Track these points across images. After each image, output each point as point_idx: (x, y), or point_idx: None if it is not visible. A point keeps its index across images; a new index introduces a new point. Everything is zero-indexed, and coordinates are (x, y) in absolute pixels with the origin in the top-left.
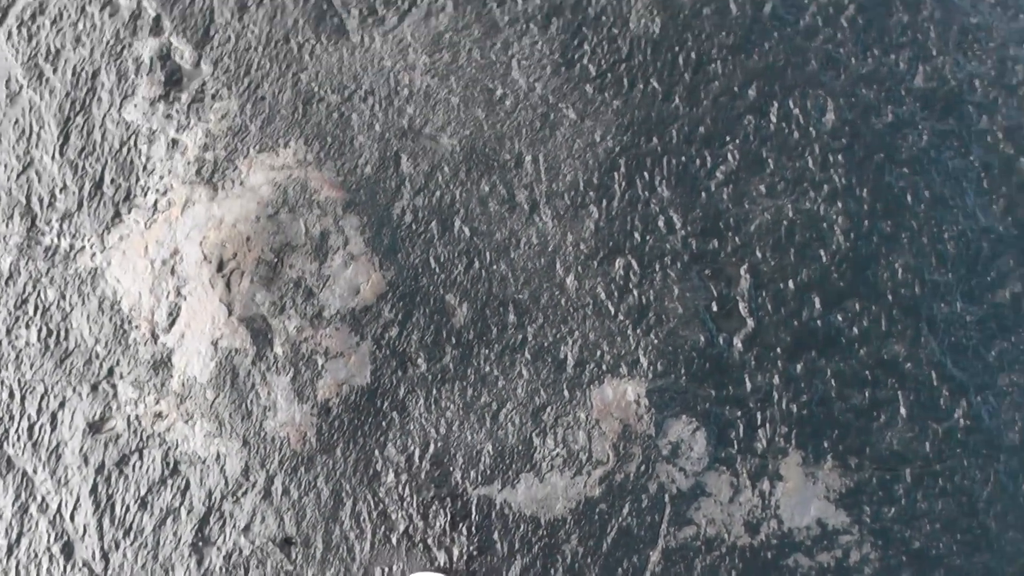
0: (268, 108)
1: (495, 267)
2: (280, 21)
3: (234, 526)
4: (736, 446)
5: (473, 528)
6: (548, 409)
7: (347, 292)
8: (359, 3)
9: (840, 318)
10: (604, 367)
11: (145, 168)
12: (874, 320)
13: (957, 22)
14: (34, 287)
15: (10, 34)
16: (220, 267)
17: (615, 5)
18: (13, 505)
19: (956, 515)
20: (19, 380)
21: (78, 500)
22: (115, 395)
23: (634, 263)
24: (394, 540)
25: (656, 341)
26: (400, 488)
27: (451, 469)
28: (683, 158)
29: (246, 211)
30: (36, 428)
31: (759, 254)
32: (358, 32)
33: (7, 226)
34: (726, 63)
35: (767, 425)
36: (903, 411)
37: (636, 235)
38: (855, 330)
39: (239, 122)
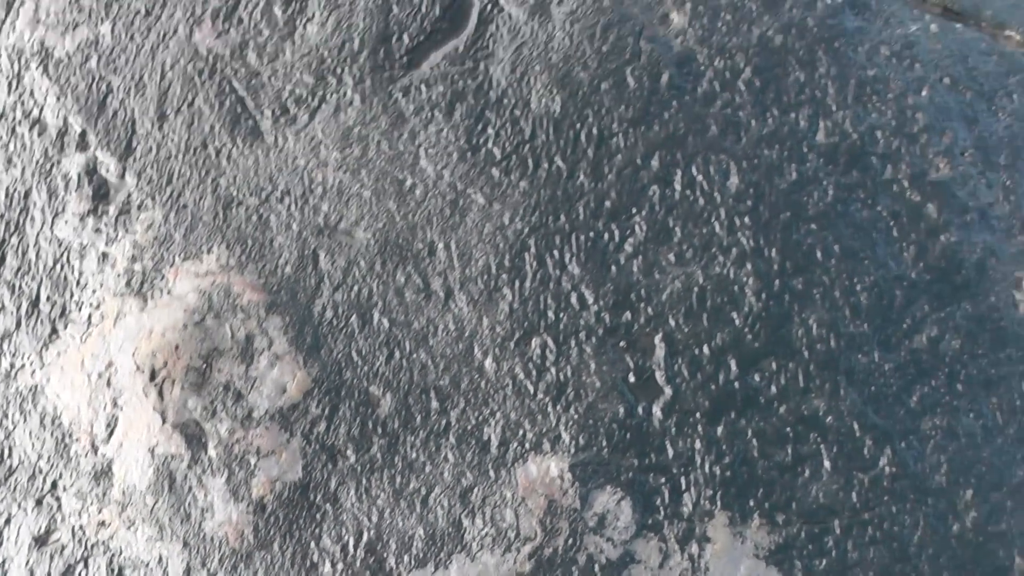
0: (191, 215)
1: (415, 356)
2: (198, 128)
3: None
4: (662, 512)
5: None
6: (475, 490)
7: (274, 392)
8: (271, 104)
9: (757, 378)
10: (527, 445)
11: (78, 283)
12: (792, 377)
13: (854, 76)
14: None
15: None
16: (152, 376)
17: (516, 87)
18: None
19: (888, 562)
20: None
21: None
22: (59, 507)
23: (550, 341)
24: None
25: (576, 416)
26: None
27: (385, 555)
28: (591, 233)
29: (174, 320)
30: None
31: (672, 322)
32: (272, 133)
33: None
34: (627, 136)
35: (692, 489)
36: (827, 464)
37: (550, 314)
38: (773, 389)
39: (164, 231)
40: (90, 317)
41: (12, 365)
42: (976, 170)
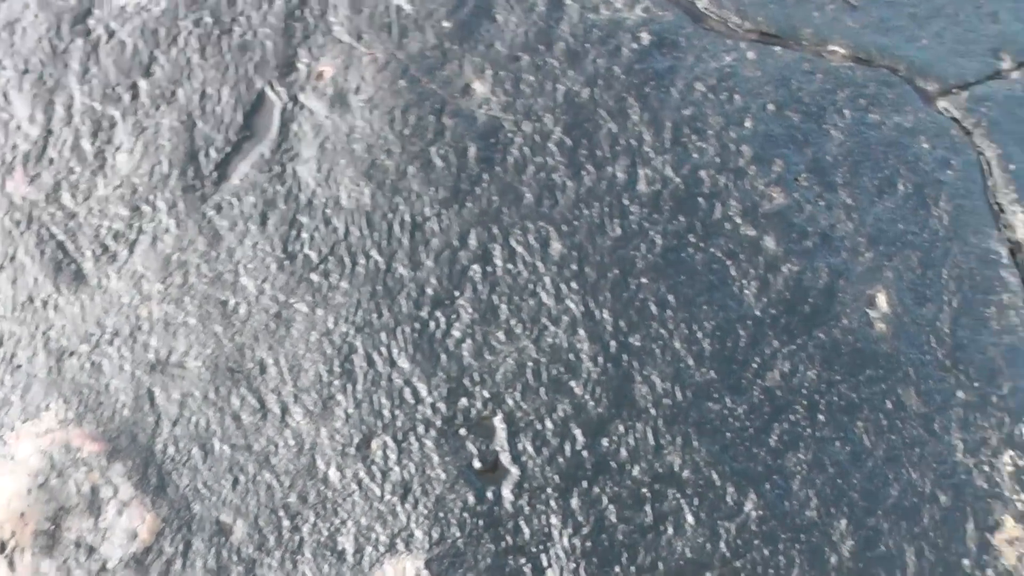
0: (25, 375)
1: (260, 477)
2: (22, 282)
3: None
4: None
5: None
6: None
7: (125, 539)
8: (91, 244)
9: (606, 443)
10: (382, 548)
11: None
12: (641, 437)
13: (669, 118)
14: None
15: None
16: (2, 548)
17: (324, 185)
18: None
19: None
20: None
21: None
22: None
23: (389, 441)
24: None
25: (426, 511)
26: None
27: None
28: (417, 324)
29: (18, 486)
30: None
31: (510, 401)
32: (95, 274)
33: None
34: (441, 218)
35: (554, 565)
36: (689, 518)
37: (386, 413)
38: (624, 452)
39: (2, 396)
40: None
41: None
42: (813, 193)
